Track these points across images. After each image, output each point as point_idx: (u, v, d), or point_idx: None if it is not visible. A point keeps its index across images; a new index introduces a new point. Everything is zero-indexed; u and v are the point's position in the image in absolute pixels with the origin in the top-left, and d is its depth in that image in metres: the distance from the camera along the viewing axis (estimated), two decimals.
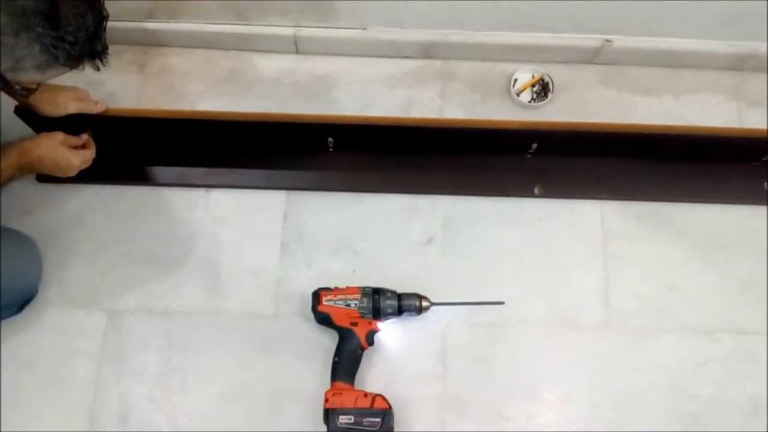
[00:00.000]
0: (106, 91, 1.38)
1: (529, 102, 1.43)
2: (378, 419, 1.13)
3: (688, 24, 1.37)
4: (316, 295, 1.20)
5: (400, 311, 1.20)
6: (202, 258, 1.30)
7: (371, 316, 1.19)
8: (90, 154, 1.26)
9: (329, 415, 1.14)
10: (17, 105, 1.21)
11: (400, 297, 1.21)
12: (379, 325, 1.21)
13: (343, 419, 1.13)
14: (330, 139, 1.33)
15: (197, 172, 1.36)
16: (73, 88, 1.24)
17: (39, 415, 1.20)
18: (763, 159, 1.37)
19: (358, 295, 1.19)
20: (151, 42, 1.45)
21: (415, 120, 1.38)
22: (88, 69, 0.96)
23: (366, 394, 1.16)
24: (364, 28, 1.41)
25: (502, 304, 1.26)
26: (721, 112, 1.45)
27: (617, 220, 1.35)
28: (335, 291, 1.20)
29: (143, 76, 1.44)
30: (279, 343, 1.25)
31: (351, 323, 1.19)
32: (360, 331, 1.19)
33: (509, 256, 1.32)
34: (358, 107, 1.42)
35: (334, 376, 1.17)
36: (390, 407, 1.15)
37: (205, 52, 1.46)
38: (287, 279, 1.29)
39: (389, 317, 1.21)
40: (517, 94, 1.43)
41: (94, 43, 0.93)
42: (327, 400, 1.15)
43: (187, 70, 1.45)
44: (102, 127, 1.28)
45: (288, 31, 1.41)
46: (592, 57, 1.45)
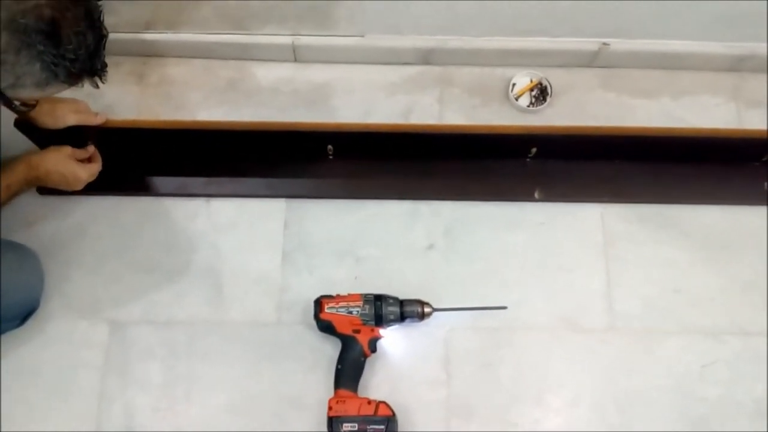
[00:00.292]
0: (105, 102, 1.39)
1: (528, 106, 1.43)
2: (382, 426, 1.13)
3: (685, 26, 1.37)
4: (318, 303, 1.20)
5: (402, 318, 1.20)
6: (203, 267, 1.30)
7: (374, 323, 1.19)
8: (96, 167, 1.27)
9: (333, 423, 1.13)
10: (17, 118, 1.21)
11: (402, 303, 1.21)
12: (382, 331, 1.20)
13: (347, 427, 1.13)
14: (330, 146, 1.33)
15: (198, 182, 1.36)
16: (73, 100, 1.24)
17: (44, 428, 1.20)
18: (763, 159, 1.37)
19: (360, 302, 1.19)
20: (150, 53, 1.45)
21: (415, 126, 1.38)
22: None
23: (370, 402, 1.15)
24: (362, 36, 1.41)
25: (504, 308, 1.26)
26: (721, 113, 1.45)
27: (619, 223, 1.35)
28: (337, 298, 1.20)
29: (142, 86, 1.44)
30: (282, 352, 1.25)
31: (353, 330, 1.19)
32: (363, 338, 1.18)
33: (511, 261, 1.32)
34: (357, 114, 1.42)
35: (338, 384, 1.17)
36: (394, 414, 1.15)
37: (203, 61, 1.46)
38: (289, 287, 1.29)
39: (392, 324, 1.20)
40: (516, 99, 1.43)
41: (94, 61, 0.94)
42: (331, 408, 1.15)
43: (186, 80, 1.45)
44: (102, 139, 1.29)
45: (286, 39, 1.41)
46: (591, 60, 1.46)
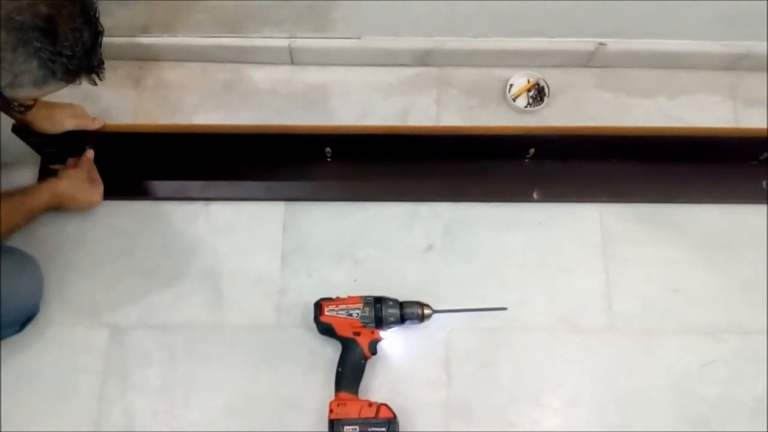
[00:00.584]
0: (102, 106, 1.38)
1: (526, 107, 1.43)
2: (383, 429, 1.13)
3: (682, 25, 1.37)
4: (318, 306, 1.20)
5: (402, 319, 1.20)
6: (202, 271, 1.30)
7: (374, 325, 1.19)
8: (101, 186, 1.30)
9: (334, 425, 1.13)
10: (14, 123, 1.21)
11: (402, 305, 1.21)
12: (382, 333, 1.20)
13: (348, 429, 1.12)
14: (327, 148, 1.33)
15: (196, 185, 1.36)
16: (70, 105, 1.24)
17: None
18: (761, 158, 1.37)
19: (360, 305, 1.19)
20: (147, 56, 1.45)
21: (412, 128, 1.38)
22: (84, 84, 0.97)
23: (370, 404, 1.15)
24: (359, 38, 1.41)
25: (504, 309, 1.26)
26: (718, 111, 1.45)
27: (617, 223, 1.35)
28: (337, 301, 1.20)
29: (139, 90, 1.44)
30: (282, 355, 1.24)
31: (353, 333, 1.18)
32: (363, 341, 1.18)
33: (510, 261, 1.32)
34: (354, 116, 1.42)
35: (338, 387, 1.17)
36: (395, 416, 1.15)
37: (200, 65, 1.46)
38: (288, 290, 1.29)
39: (392, 326, 1.20)
40: (513, 100, 1.43)
41: (91, 57, 0.94)
42: (332, 411, 1.14)
43: (182, 83, 1.45)
44: (99, 143, 1.29)
45: (283, 42, 1.41)
46: (587, 60, 1.46)
